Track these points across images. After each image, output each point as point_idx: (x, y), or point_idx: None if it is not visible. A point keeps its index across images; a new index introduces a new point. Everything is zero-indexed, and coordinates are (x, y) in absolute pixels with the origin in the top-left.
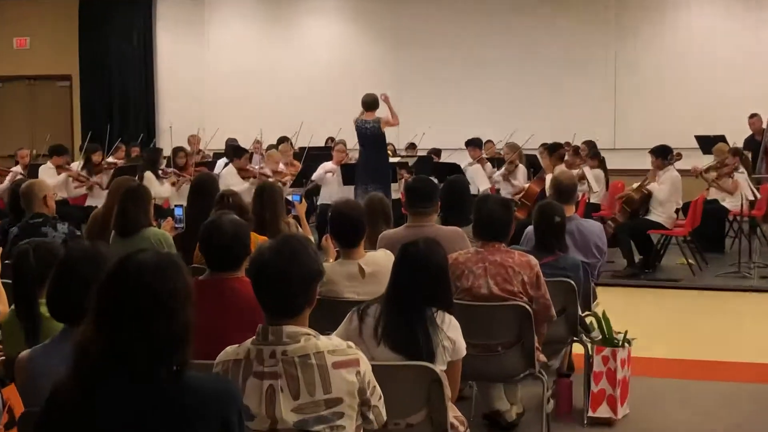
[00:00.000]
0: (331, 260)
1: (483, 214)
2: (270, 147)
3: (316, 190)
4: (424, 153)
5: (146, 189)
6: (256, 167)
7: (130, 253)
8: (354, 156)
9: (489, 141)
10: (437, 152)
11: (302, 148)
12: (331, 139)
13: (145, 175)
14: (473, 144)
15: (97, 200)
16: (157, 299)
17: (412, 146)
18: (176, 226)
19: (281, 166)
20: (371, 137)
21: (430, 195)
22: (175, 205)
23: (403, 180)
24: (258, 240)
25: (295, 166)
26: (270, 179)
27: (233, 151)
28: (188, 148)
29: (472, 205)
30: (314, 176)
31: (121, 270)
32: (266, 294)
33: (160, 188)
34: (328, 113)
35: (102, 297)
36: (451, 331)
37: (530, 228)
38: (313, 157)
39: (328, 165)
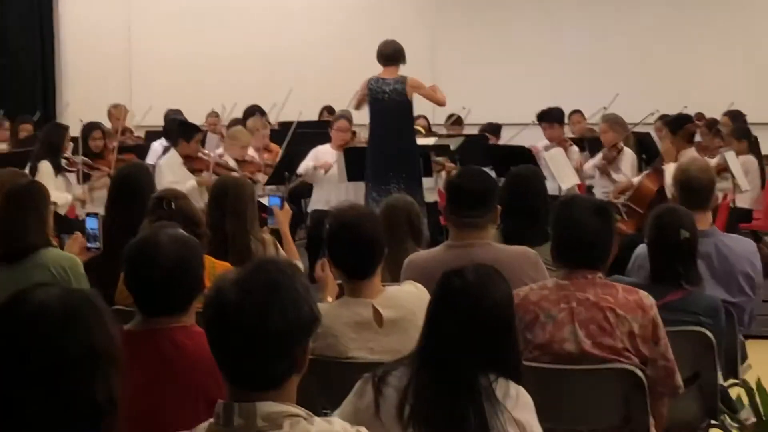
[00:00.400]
0: (329, 299)
1: (567, 227)
2: (233, 123)
3: (305, 189)
4: (474, 131)
5: (41, 189)
6: (212, 155)
7: (22, 291)
8: (364, 137)
9: (576, 112)
10: (495, 129)
11: (284, 124)
12: (329, 110)
13: (41, 167)
14: (551, 118)
15: None
16: (63, 362)
17: (456, 121)
18: (89, 246)
19: (250, 153)
20: (392, 106)
21: (484, 197)
22: (87, 214)
23: (442, 173)
24: (216, 268)
25: (273, 152)
26: (234, 173)
27: (178, 130)
28: (108, 125)
29: (550, 213)
30: (301, 168)
31: (9, 317)
32: (230, 354)
33: (62, 187)
34: (325, 73)
35: None
36: (519, 410)
37: (642, 248)
38: (300, 138)
39: (323, 150)
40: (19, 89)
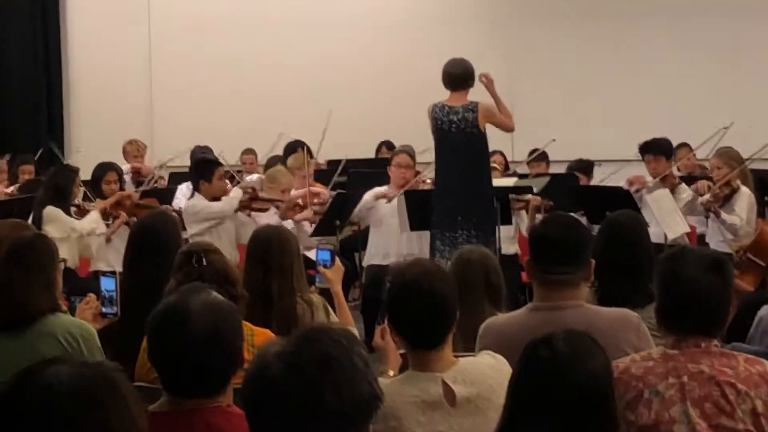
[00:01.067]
0: (391, 373)
1: (676, 286)
2: (272, 161)
3: (358, 240)
4: (560, 169)
5: (48, 244)
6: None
7: (27, 370)
8: (430, 176)
9: (683, 145)
10: (586, 167)
11: (333, 163)
12: (388, 145)
13: (47, 213)
14: (657, 149)
15: None
16: None
17: (539, 157)
18: (104, 311)
19: (293, 195)
20: (461, 139)
21: (575, 249)
22: (102, 273)
23: (526, 218)
24: (255, 337)
25: (319, 194)
26: (274, 206)
27: (195, 171)
28: (125, 165)
29: (655, 268)
30: (356, 212)
31: (13, 403)
32: None
33: (75, 237)
34: (384, 103)
35: None
36: None
37: (766, 309)
38: (353, 179)
39: (380, 192)
40: (21, 125)
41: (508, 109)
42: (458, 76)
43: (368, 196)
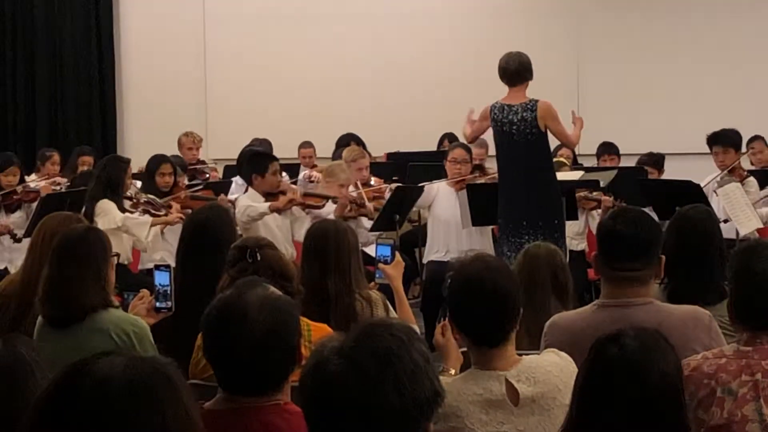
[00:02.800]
0: (452, 371)
1: (750, 281)
2: (336, 152)
3: (418, 236)
4: (631, 162)
5: (100, 237)
6: (297, 191)
7: (81, 362)
8: (492, 170)
9: (757, 138)
10: (657, 161)
11: (393, 156)
12: (450, 138)
13: (100, 206)
14: (726, 141)
15: (6, 259)
16: None
17: (607, 148)
18: (158, 306)
19: (350, 191)
20: (521, 140)
21: (645, 245)
22: (156, 267)
23: (595, 212)
24: (312, 332)
25: (378, 188)
26: (329, 213)
27: (249, 164)
28: (180, 156)
29: (728, 262)
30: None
31: (65, 395)
32: None
33: (134, 229)
34: (447, 96)
35: None
36: None
37: None
38: (413, 172)
39: (437, 189)
40: (74, 122)
41: (578, 134)
42: (514, 71)
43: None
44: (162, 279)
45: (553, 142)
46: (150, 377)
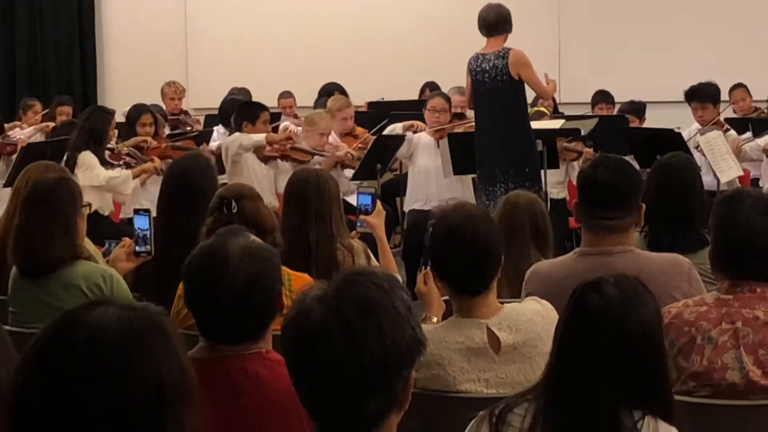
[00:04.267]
0: (434, 319)
1: (731, 229)
2: (319, 101)
3: (399, 183)
4: (610, 111)
5: (70, 188)
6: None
7: (73, 312)
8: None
9: (739, 86)
10: (638, 110)
11: (375, 105)
12: (432, 86)
13: (82, 158)
14: (703, 96)
15: None
16: (125, 401)
17: (604, 97)
18: (138, 250)
19: (331, 139)
20: (494, 89)
21: (626, 193)
22: (136, 211)
23: (575, 163)
24: (293, 282)
25: (360, 138)
26: (315, 157)
27: (240, 111)
28: (162, 106)
29: (711, 210)
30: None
31: (57, 346)
32: (315, 388)
33: (118, 188)
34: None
35: (22, 393)
36: None
37: None
38: (394, 121)
39: (417, 138)
40: (53, 67)
41: (552, 87)
42: (491, 21)
43: (398, 125)
44: (141, 223)
45: (531, 94)
46: (143, 327)
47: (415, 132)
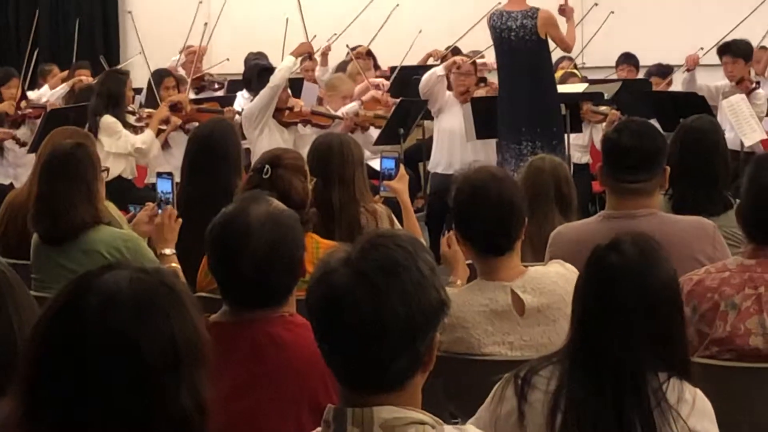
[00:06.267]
0: (459, 282)
1: (757, 193)
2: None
3: (422, 148)
4: (633, 74)
5: (89, 153)
6: (306, 107)
7: (85, 276)
8: (495, 83)
9: (763, 48)
10: (664, 73)
11: (400, 69)
12: (455, 51)
13: (104, 122)
14: (735, 51)
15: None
16: (139, 363)
17: (627, 58)
18: (161, 212)
19: (353, 106)
20: (521, 47)
21: (650, 156)
22: (158, 174)
23: (600, 126)
24: (321, 249)
25: (384, 101)
26: (337, 122)
27: (259, 77)
28: (181, 71)
29: (732, 176)
30: (422, 84)
31: (71, 310)
32: (340, 349)
33: (150, 154)
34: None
35: (38, 359)
36: (696, 418)
37: None
38: (415, 85)
39: (448, 97)
40: (67, 32)
41: (572, 31)
42: None
43: (438, 68)
44: (164, 186)
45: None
46: (156, 290)
47: (458, 68)
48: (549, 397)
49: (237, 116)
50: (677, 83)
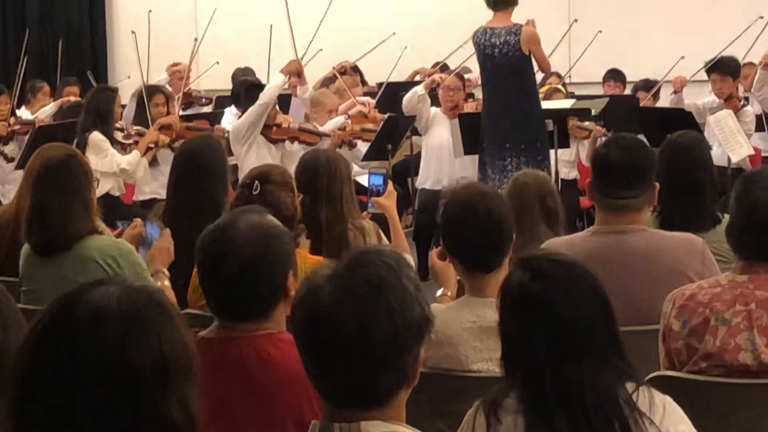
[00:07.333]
0: (449, 294)
1: (747, 209)
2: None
3: (411, 165)
4: (619, 90)
5: (82, 163)
6: (294, 124)
7: (75, 292)
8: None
9: (749, 64)
10: (651, 86)
11: (387, 85)
12: (443, 68)
13: (93, 141)
14: (722, 69)
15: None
16: (129, 377)
17: (614, 74)
18: (149, 233)
19: (340, 121)
20: (504, 63)
21: (641, 172)
22: (145, 219)
23: (586, 142)
24: (308, 263)
25: (372, 116)
26: (324, 139)
27: (246, 93)
28: (168, 87)
29: (719, 192)
30: (405, 101)
31: (61, 324)
32: (325, 365)
33: (135, 174)
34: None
35: (28, 372)
36: (670, 422)
37: None
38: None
39: (430, 81)
40: (64, 51)
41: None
42: None
43: (419, 86)
44: (153, 232)
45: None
46: (145, 305)
47: (436, 87)
48: (520, 418)
49: (226, 134)
50: (664, 100)
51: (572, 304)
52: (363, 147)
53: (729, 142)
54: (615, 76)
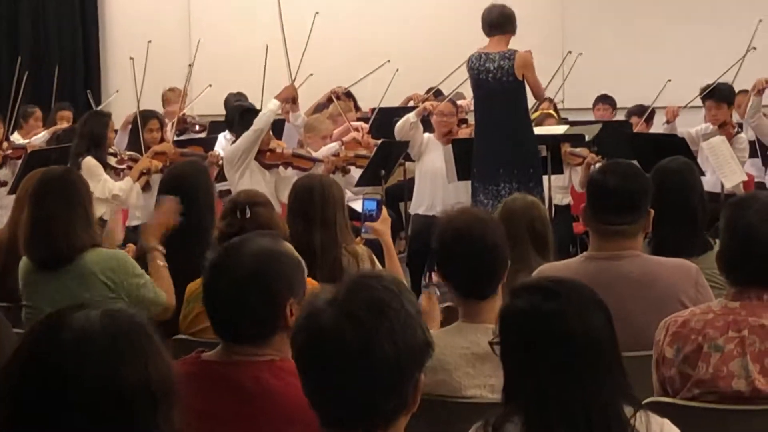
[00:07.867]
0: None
1: (735, 235)
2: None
3: (404, 188)
4: (619, 115)
5: (80, 176)
6: (288, 149)
7: (58, 314)
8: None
9: (744, 92)
10: (642, 112)
11: (380, 111)
12: (437, 94)
13: (86, 165)
14: (717, 96)
15: None
16: (114, 400)
17: (603, 99)
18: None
19: (333, 147)
20: (498, 89)
21: (636, 199)
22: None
23: (579, 168)
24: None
25: (366, 142)
26: (318, 165)
27: (240, 118)
28: (164, 111)
29: (722, 214)
30: (397, 128)
31: (45, 347)
32: (326, 391)
33: (128, 201)
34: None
35: (9, 399)
36: None
37: None
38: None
39: (421, 109)
40: (51, 74)
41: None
42: (493, 20)
43: (410, 114)
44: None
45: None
46: (128, 328)
47: (429, 114)
48: None
49: (220, 160)
50: (657, 125)
51: (585, 320)
52: (356, 173)
53: (723, 168)
54: (605, 100)
